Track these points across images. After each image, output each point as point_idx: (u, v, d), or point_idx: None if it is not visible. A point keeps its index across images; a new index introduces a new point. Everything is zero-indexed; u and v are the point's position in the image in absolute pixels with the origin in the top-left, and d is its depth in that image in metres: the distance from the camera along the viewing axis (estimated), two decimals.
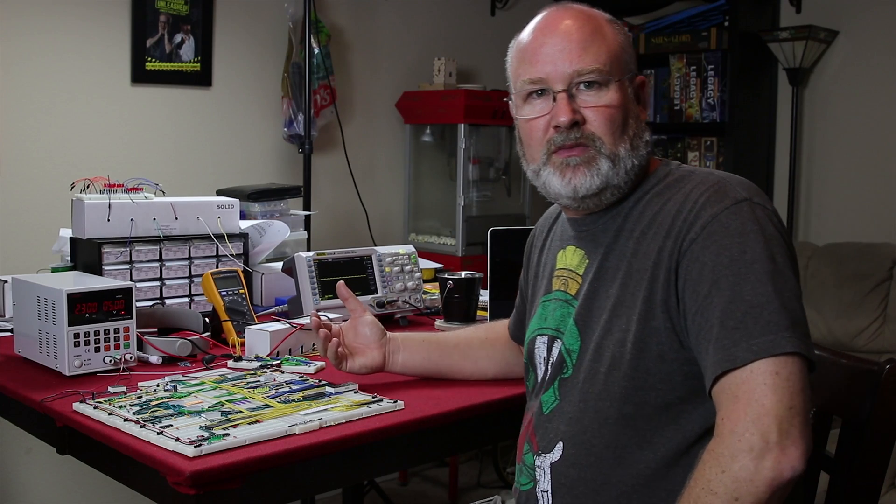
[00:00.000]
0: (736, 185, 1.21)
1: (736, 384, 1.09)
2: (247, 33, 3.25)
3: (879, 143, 3.56)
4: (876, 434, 1.33)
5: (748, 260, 1.13)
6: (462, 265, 3.35)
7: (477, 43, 3.93)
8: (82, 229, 1.94)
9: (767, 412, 1.06)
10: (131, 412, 1.32)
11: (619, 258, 1.26)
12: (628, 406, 1.21)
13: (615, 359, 1.22)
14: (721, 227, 1.16)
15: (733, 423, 1.08)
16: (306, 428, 1.29)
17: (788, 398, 1.07)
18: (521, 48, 1.33)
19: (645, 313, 1.20)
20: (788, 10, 3.77)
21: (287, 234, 2.26)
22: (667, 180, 1.28)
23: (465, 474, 3.69)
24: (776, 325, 1.10)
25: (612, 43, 1.28)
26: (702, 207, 1.18)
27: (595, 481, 1.22)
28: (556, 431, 1.28)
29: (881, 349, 3.15)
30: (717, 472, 1.07)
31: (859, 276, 3.24)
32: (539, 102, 1.29)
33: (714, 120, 3.70)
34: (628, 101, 1.29)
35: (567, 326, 1.31)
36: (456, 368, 1.59)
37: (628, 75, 1.30)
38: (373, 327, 1.56)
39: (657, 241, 1.22)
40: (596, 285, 1.28)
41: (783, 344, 1.09)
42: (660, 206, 1.25)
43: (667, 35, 3.82)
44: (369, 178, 3.62)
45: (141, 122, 3.00)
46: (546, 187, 1.31)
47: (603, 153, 1.26)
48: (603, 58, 1.26)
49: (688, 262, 1.17)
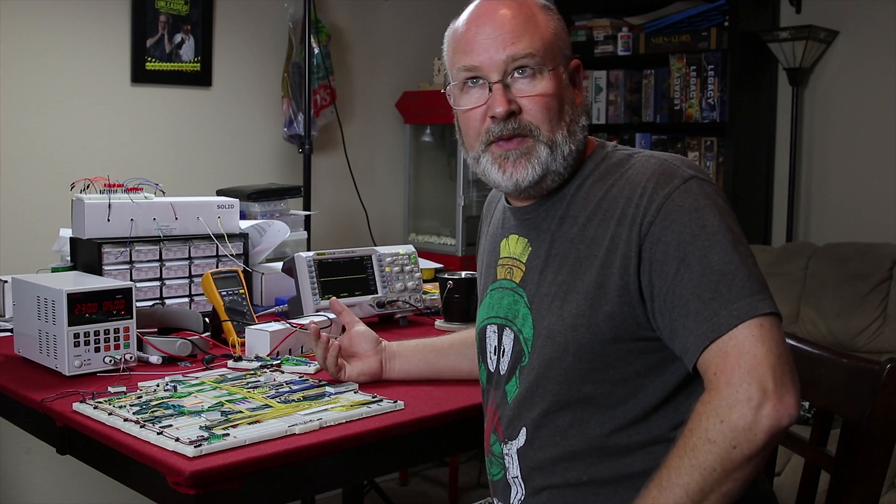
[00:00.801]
0: (679, 164, 1.23)
1: (724, 343, 1.12)
2: (247, 33, 3.25)
3: (879, 144, 3.55)
4: (876, 434, 1.33)
5: (709, 232, 1.16)
6: (462, 265, 3.35)
7: None
8: (82, 229, 1.94)
9: (760, 362, 1.09)
10: (131, 412, 1.32)
11: (565, 244, 1.28)
12: (587, 386, 1.23)
13: (568, 343, 1.23)
14: (676, 206, 1.18)
15: (728, 375, 1.10)
16: (306, 428, 1.29)
17: (776, 347, 1.11)
18: (455, 37, 1.35)
19: (598, 298, 1.21)
20: (788, 10, 3.77)
21: (287, 234, 2.26)
22: (605, 164, 1.30)
23: (465, 474, 3.69)
24: (749, 290, 1.13)
25: (545, 30, 1.29)
26: (653, 190, 1.20)
27: (562, 459, 1.25)
28: (519, 418, 1.30)
29: (881, 349, 3.15)
30: (716, 422, 1.09)
31: (859, 276, 3.24)
32: (475, 91, 1.31)
33: (714, 120, 3.70)
34: (563, 87, 1.30)
35: (520, 314, 1.32)
36: (453, 368, 1.60)
37: (563, 61, 1.31)
38: (367, 337, 1.59)
39: (607, 227, 1.23)
40: (544, 272, 1.29)
41: (760, 306, 1.12)
42: (604, 192, 1.26)
43: (667, 35, 3.82)
44: (369, 178, 3.62)
45: (141, 122, 3.00)
46: (486, 175, 1.33)
47: (541, 141, 1.27)
48: (536, 44, 1.28)
49: (650, 245, 1.18)
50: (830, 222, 3.68)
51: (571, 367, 1.24)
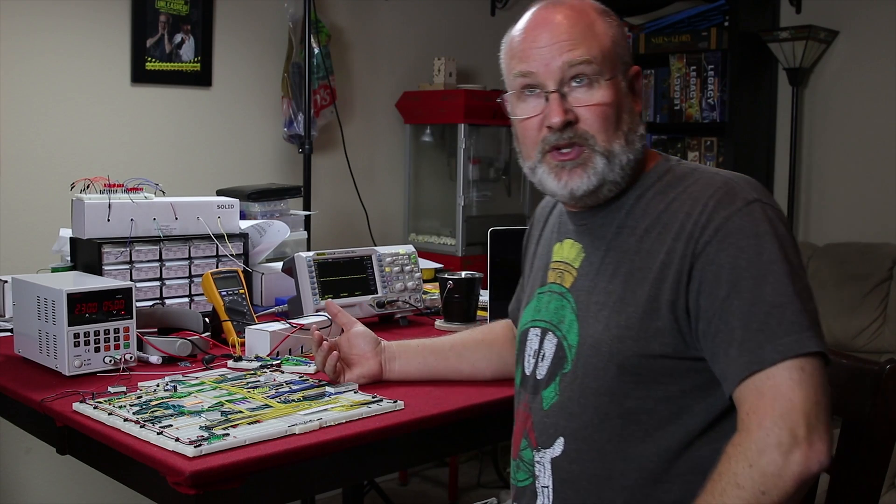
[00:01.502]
0: (744, 184, 1.21)
1: (762, 382, 1.10)
2: (247, 33, 3.25)
3: (879, 143, 3.56)
4: (876, 434, 1.33)
5: (766, 261, 1.13)
6: (462, 265, 3.35)
7: (477, 43, 3.93)
8: (82, 229, 1.94)
9: (795, 407, 1.07)
10: (131, 412, 1.32)
11: (620, 254, 1.26)
12: (630, 401, 1.21)
13: (614, 355, 1.21)
14: (735, 228, 1.16)
15: (760, 417, 1.08)
16: (306, 428, 1.29)
17: (814, 394, 1.09)
18: (512, 44, 1.32)
19: (649, 312, 1.19)
20: (788, 10, 3.77)
21: (287, 234, 2.26)
22: (668, 177, 1.28)
23: (465, 474, 3.69)
24: (799, 325, 1.11)
25: (604, 38, 1.27)
26: (713, 209, 1.18)
27: (598, 476, 1.22)
28: (556, 427, 1.27)
29: (881, 349, 3.15)
30: (745, 467, 1.08)
31: (859, 276, 3.24)
32: (532, 100, 1.29)
33: (714, 120, 3.70)
34: (622, 95, 1.28)
35: (566, 320, 1.30)
36: (453, 371, 1.59)
37: (622, 69, 1.29)
38: (366, 338, 1.58)
39: (664, 241, 1.21)
40: (595, 280, 1.28)
41: (807, 343, 1.10)
42: (665, 205, 1.24)
43: (667, 35, 3.82)
44: (369, 178, 3.62)
45: (141, 122, 3.00)
46: (542, 185, 1.31)
47: (597, 151, 1.25)
48: (594, 52, 1.25)
49: (703, 265, 1.16)
50: (830, 222, 3.68)
51: (615, 380, 1.21)
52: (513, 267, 1.99)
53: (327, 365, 1.50)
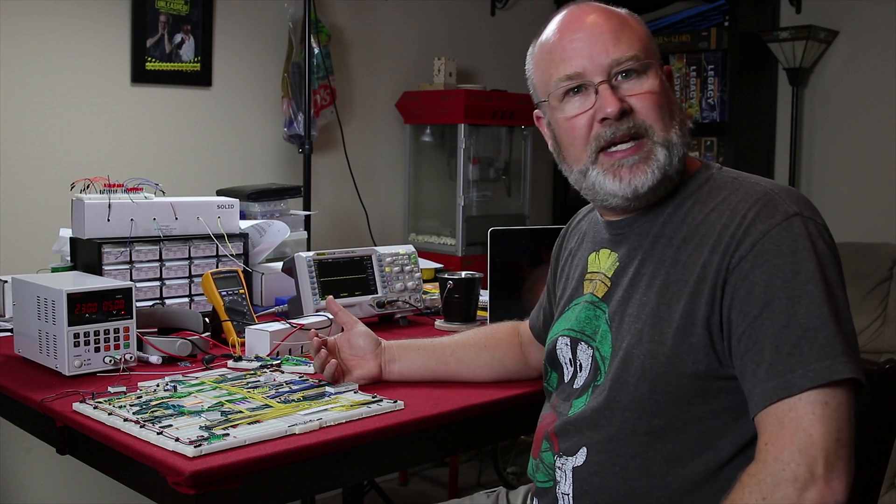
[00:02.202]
0: (785, 197, 1.16)
1: (784, 411, 1.06)
2: (247, 33, 3.25)
3: (879, 143, 3.56)
4: (876, 434, 1.33)
5: (801, 281, 1.09)
6: (462, 265, 3.35)
7: (477, 43, 3.93)
8: (82, 229, 1.94)
9: (815, 443, 1.04)
10: (131, 412, 1.32)
11: (656, 265, 1.22)
12: (658, 419, 1.17)
13: (645, 370, 1.18)
14: (773, 244, 1.11)
15: (778, 450, 1.05)
16: (306, 428, 1.29)
17: (836, 430, 1.05)
18: (547, 48, 1.28)
19: (684, 328, 1.16)
20: (788, 10, 3.77)
21: (287, 234, 2.26)
22: (709, 185, 1.23)
23: (465, 474, 3.69)
24: (832, 350, 1.06)
25: (640, 32, 1.25)
26: (751, 223, 1.14)
27: (619, 491, 1.20)
28: (580, 436, 1.25)
29: (881, 349, 3.15)
30: (758, 498, 1.05)
31: (859, 276, 3.24)
32: (577, 100, 1.24)
33: (714, 120, 3.70)
34: (667, 86, 1.25)
35: (600, 331, 1.27)
36: (453, 374, 1.58)
37: (660, 62, 1.26)
38: (367, 338, 1.56)
39: (701, 253, 1.17)
40: (630, 291, 1.24)
41: (840, 369, 1.06)
42: (703, 216, 1.20)
43: (667, 35, 3.82)
44: (369, 178, 3.62)
45: (141, 122, 3.00)
46: (595, 188, 1.25)
47: (657, 142, 1.21)
48: (637, 44, 1.23)
49: (736, 281, 1.12)
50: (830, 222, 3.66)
51: (645, 396, 1.17)
52: (513, 267, 2.00)
53: (326, 371, 1.50)
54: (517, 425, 1.63)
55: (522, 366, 1.59)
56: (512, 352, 1.59)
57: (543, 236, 1.97)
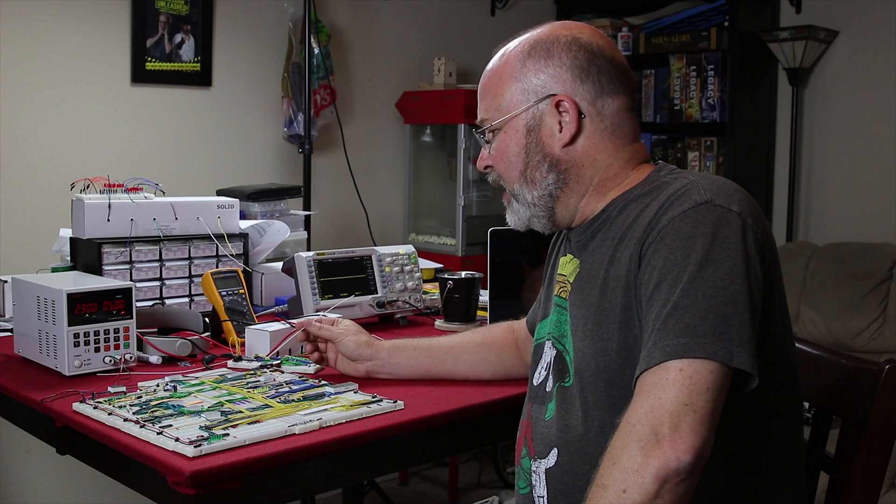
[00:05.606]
0: (704, 187, 1.17)
1: (642, 381, 1.09)
2: (247, 33, 3.25)
3: (879, 144, 3.56)
4: (876, 434, 1.33)
5: (689, 263, 1.11)
6: (462, 265, 3.35)
7: (477, 43, 3.93)
8: (82, 229, 1.94)
9: (662, 405, 1.05)
10: (131, 412, 1.32)
11: (598, 265, 1.26)
12: (621, 415, 1.17)
13: (599, 368, 1.21)
14: (673, 229, 1.14)
15: (630, 415, 1.07)
16: (306, 428, 1.29)
17: (687, 395, 1.05)
18: None
19: (625, 322, 1.19)
20: (788, 10, 3.77)
21: (287, 234, 2.26)
22: (650, 186, 1.26)
23: (465, 474, 3.69)
24: (693, 330, 1.07)
25: (497, 88, 1.33)
26: (664, 213, 1.17)
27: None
28: (550, 437, 1.28)
29: (881, 349, 3.15)
30: (609, 465, 1.06)
31: (859, 276, 3.24)
32: None
33: (714, 120, 3.70)
34: (521, 136, 1.31)
35: (567, 334, 1.30)
36: (450, 373, 1.58)
37: (527, 105, 1.30)
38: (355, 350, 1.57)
39: (629, 247, 1.21)
40: (582, 293, 1.28)
41: (695, 349, 1.06)
42: (637, 213, 1.23)
43: (667, 35, 3.82)
44: (369, 178, 3.62)
45: (141, 122, 3.00)
46: None
47: (513, 193, 1.35)
48: (492, 108, 1.33)
49: (643, 267, 1.16)
50: (830, 222, 3.68)
51: (603, 394, 1.20)
52: (513, 267, 2.00)
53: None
54: (517, 425, 1.63)
55: (520, 362, 1.59)
56: (509, 349, 1.60)
57: (543, 236, 1.96)
